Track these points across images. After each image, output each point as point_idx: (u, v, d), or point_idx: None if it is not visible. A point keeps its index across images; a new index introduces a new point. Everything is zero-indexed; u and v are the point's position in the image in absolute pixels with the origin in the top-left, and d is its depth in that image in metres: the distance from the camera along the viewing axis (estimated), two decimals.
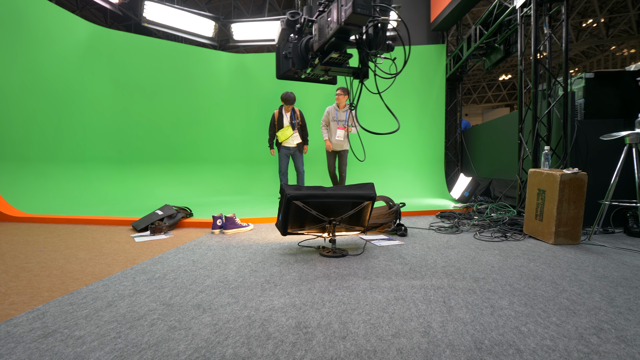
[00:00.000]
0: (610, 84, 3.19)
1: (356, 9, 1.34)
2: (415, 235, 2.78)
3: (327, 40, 1.61)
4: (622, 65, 15.93)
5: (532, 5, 3.26)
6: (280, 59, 1.96)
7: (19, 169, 4.22)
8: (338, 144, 4.54)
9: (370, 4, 1.37)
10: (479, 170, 5.39)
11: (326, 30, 1.61)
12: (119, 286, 1.60)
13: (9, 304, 1.40)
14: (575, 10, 12.79)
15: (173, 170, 5.92)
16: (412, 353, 1.02)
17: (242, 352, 1.03)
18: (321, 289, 1.55)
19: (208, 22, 6.32)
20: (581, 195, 2.40)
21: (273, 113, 4.61)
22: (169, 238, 2.72)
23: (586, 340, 1.09)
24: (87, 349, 1.05)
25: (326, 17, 1.61)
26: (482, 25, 4.72)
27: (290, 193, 2.08)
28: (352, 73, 1.85)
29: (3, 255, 2.20)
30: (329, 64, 1.75)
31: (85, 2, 10.22)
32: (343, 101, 4.47)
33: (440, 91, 6.00)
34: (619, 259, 2.04)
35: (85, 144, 5.15)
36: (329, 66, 1.76)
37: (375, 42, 1.62)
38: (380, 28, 1.60)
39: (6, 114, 4.15)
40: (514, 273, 1.78)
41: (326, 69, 1.81)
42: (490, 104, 24.07)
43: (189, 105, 6.07)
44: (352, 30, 1.52)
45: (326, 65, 1.75)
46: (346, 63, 1.80)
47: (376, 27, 1.60)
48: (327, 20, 1.59)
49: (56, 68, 4.74)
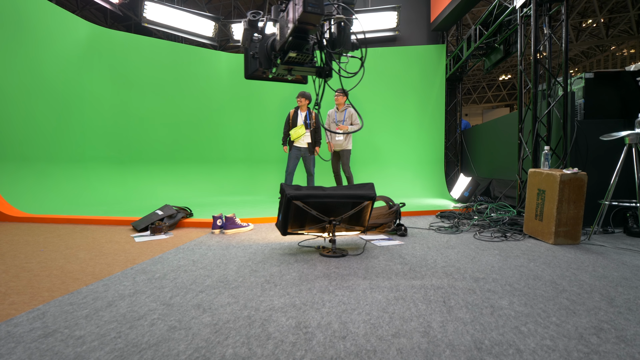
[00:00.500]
0: (610, 84, 3.19)
1: (307, 8, 1.35)
2: (415, 235, 2.78)
3: (286, 39, 1.62)
4: (622, 65, 15.92)
5: (532, 5, 3.26)
6: (248, 59, 1.96)
7: (19, 169, 4.22)
8: (338, 144, 4.57)
9: (322, 3, 1.38)
10: (479, 170, 5.39)
11: (285, 29, 1.62)
12: (119, 286, 1.60)
13: (9, 304, 1.40)
14: (575, 11, 12.79)
15: (173, 170, 5.92)
16: (412, 353, 1.02)
17: (242, 352, 1.03)
18: (321, 289, 1.55)
19: (208, 22, 6.32)
20: (581, 195, 2.40)
21: (289, 111, 4.62)
22: (169, 238, 2.72)
23: (586, 340, 1.09)
24: (87, 349, 1.05)
25: (285, 16, 1.62)
26: (482, 25, 4.72)
27: (290, 193, 2.08)
28: (316, 72, 1.85)
29: (3, 255, 2.20)
30: (289, 63, 1.74)
31: (85, 2, 10.23)
32: (342, 102, 4.50)
33: (440, 91, 6.00)
34: (618, 259, 2.04)
35: (85, 144, 5.15)
36: (290, 65, 1.76)
37: (339, 41, 1.62)
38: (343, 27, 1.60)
39: (6, 114, 4.15)
40: (514, 273, 1.78)
41: (289, 69, 1.81)
42: (490, 104, 24.08)
43: (189, 105, 6.07)
44: (309, 29, 1.52)
45: (287, 64, 1.75)
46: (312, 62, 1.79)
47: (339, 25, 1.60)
48: (286, 19, 1.60)
49: (56, 68, 4.74)
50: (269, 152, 6.29)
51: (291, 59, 1.70)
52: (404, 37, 6.19)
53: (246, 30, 1.71)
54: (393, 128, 6.11)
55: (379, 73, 6.05)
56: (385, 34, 6.10)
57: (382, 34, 6.11)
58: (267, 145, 6.31)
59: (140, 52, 5.67)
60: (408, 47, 6.03)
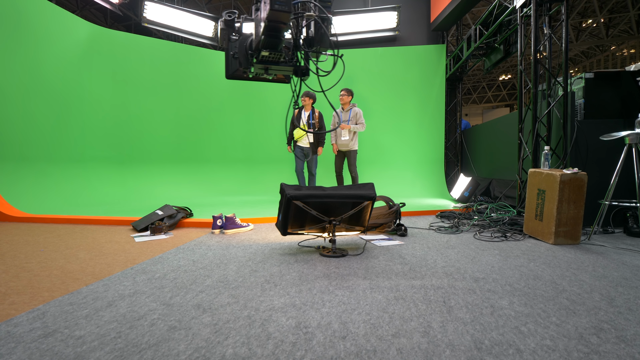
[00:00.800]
0: (610, 84, 3.19)
1: (274, 6, 1.35)
2: (415, 235, 2.78)
3: (259, 38, 1.61)
4: (622, 65, 15.92)
5: (532, 5, 3.26)
6: (228, 59, 1.96)
7: (18, 168, 4.22)
8: (344, 145, 4.54)
9: (289, 1, 1.38)
10: (479, 170, 5.39)
11: (259, 28, 1.62)
12: (119, 286, 1.60)
13: (9, 304, 1.40)
14: (575, 11, 12.79)
15: (173, 170, 5.92)
16: (412, 353, 1.02)
17: (242, 352, 1.03)
18: (321, 289, 1.55)
19: (208, 22, 6.31)
20: (581, 195, 2.40)
21: (294, 111, 4.62)
22: (169, 238, 2.72)
23: (586, 340, 1.09)
24: (87, 349, 1.05)
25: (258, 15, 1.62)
26: (482, 25, 4.72)
27: (290, 193, 2.08)
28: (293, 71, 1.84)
29: (3, 255, 2.20)
30: (263, 62, 1.73)
31: (85, 2, 10.22)
32: (347, 101, 4.50)
33: (440, 91, 6.00)
34: (618, 259, 2.04)
35: (84, 144, 5.14)
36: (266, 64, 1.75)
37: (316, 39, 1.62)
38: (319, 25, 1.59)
39: (5, 114, 4.15)
40: (514, 273, 1.78)
41: (265, 67, 1.80)
42: (490, 104, 24.08)
43: (189, 105, 6.07)
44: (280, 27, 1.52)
45: (261, 63, 1.74)
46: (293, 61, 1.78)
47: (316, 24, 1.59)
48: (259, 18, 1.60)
49: (56, 68, 4.74)
50: (269, 152, 6.29)
51: (265, 57, 1.69)
52: (404, 37, 6.18)
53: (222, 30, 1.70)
54: (393, 128, 6.11)
55: (379, 73, 6.05)
56: (385, 34, 6.10)
57: (382, 34, 6.11)
58: (267, 145, 6.31)
59: (140, 52, 5.67)
60: (408, 47, 6.03)
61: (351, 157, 4.58)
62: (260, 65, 1.77)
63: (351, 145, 4.54)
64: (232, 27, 1.70)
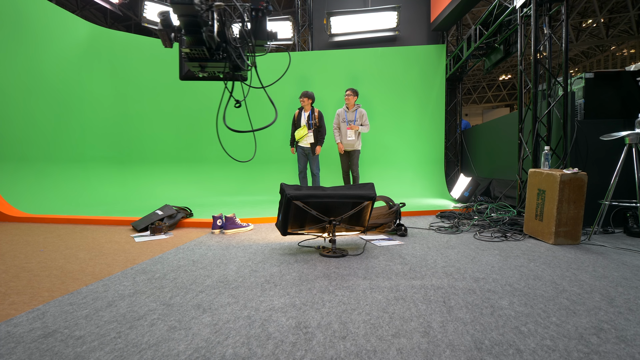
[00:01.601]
0: (610, 84, 3.19)
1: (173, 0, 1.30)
2: (415, 235, 2.78)
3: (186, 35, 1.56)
4: (622, 65, 15.92)
5: (532, 5, 3.26)
6: (181, 59, 1.90)
7: (18, 168, 4.22)
8: (349, 145, 4.55)
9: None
10: (479, 170, 5.39)
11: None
12: (119, 286, 1.60)
13: (9, 304, 1.40)
14: (575, 11, 12.79)
15: (173, 170, 5.91)
16: (412, 353, 1.02)
17: (242, 352, 1.03)
18: (321, 289, 1.55)
19: None
20: (581, 195, 2.40)
21: (294, 113, 4.62)
22: (169, 238, 2.72)
23: (586, 340, 1.09)
24: (87, 349, 1.05)
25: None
26: (482, 25, 4.72)
27: (290, 193, 2.08)
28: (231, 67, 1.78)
29: (3, 255, 2.19)
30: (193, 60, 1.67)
31: (85, 2, 10.22)
32: (352, 101, 4.50)
33: (440, 91, 6.00)
34: (619, 259, 2.04)
35: (84, 144, 5.14)
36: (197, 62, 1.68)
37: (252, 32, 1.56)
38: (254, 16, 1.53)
39: (5, 114, 4.15)
40: (514, 273, 1.78)
41: (201, 65, 1.73)
42: (490, 104, 24.07)
43: (189, 105, 6.06)
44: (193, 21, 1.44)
45: (191, 61, 1.68)
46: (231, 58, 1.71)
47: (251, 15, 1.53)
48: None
49: (56, 68, 4.74)
50: (269, 152, 6.28)
51: (187, 54, 1.62)
52: (404, 37, 6.19)
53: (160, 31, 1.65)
54: (393, 128, 6.11)
55: (379, 73, 6.05)
56: (385, 34, 6.10)
57: (382, 34, 6.11)
58: (267, 146, 6.30)
59: (140, 52, 5.67)
60: (408, 47, 6.03)
61: (354, 157, 4.59)
62: (194, 63, 1.70)
63: (356, 145, 4.57)
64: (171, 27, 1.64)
